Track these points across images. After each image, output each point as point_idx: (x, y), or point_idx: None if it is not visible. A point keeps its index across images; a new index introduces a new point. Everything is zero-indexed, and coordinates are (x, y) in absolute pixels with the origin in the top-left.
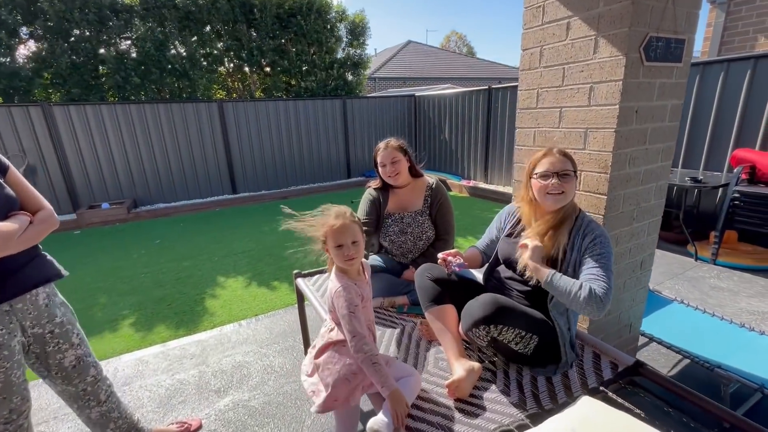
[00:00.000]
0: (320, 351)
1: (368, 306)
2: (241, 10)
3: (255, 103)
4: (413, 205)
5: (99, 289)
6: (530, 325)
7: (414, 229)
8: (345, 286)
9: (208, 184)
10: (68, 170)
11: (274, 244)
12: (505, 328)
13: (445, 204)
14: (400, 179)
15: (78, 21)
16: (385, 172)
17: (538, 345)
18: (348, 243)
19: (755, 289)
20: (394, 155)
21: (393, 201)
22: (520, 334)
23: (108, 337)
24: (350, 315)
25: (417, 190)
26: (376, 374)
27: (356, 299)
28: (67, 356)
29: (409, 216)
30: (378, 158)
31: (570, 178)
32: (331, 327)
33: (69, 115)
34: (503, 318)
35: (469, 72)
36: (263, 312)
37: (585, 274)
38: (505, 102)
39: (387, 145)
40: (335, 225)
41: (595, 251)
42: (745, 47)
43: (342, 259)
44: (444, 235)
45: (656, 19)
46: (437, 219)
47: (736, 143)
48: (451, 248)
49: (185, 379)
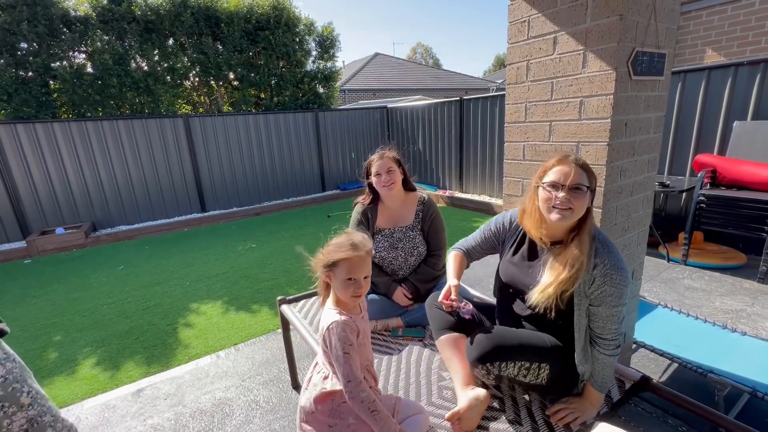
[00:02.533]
0: (316, 401)
1: (366, 344)
2: (206, 23)
3: (223, 117)
4: (404, 219)
5: (54, 325)
6: (537, 355)
7: (405, 245)
8: (339, 322)
9: (175, 202)
10: (16, 193)
11: (250, 265)
12: (505, 364)
13: (438, 219)
14: (395, 189)
15: (26, 34)
16: (380, 182)
17: (552, 372)
18: (360, 278)
19: (725, 288)
20: (390, 165)
21: (383, 216)
22: (524, 366)
23: (66, 380)
24: (345, 356)
25: (408, 204)
26: (375, 423)
27: (352, 337)
28: (15, 420)
29: (400, 231)
30: (373, 168)
31: (582, 193)
32: (325, 374)
33: (16, 134)
34: (501, 354)
35: (436, 83)
36: (242, 340)
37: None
38: (477, 112)
39: (383, 155)
40: (353, 256)
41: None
42: (695, 59)
43: (348, 294)
44: (436, 251)
45: (641, 35)
46: (429, 235)
47: (696, 149)
48: (442, 264)
49: (160, 423)
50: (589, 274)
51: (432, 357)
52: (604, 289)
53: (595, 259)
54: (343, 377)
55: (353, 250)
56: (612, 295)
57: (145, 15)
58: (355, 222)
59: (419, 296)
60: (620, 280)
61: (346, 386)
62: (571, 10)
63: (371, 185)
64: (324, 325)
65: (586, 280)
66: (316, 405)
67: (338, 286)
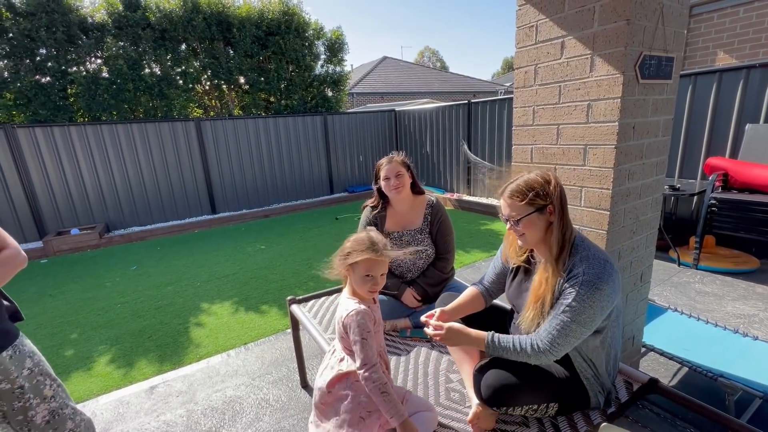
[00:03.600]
0: (331, 382)
1: (380, 331)
2: (218, 28)
3: (234, 120)
4: (413, 223)
5: (69, 323)
6: (544, 396)
7: (414, 247)
8: (359, 311)
9: (186, 204)
10: (34, 195)
11: (259, 266)
12: (511, 408)
13: (446, 222)
14: (403, 192)
15: (44, 40)
16: (389, 186)
17: (561, 407)
18: (377, 276)
19: (738, 293)
20: (399, 169)
21: (392, 219)
22: (532, 407)
23: (82, 377)
24: (362, 341)
25: (417, 207)
26: (384, 403)
27: (369, 324)
28: (39, 412)
29: (409, 234)
30: (382, 172)
31: (523, 221)
32: (341, 356)
33: (35, 137)
34: (505, 400)
35: (444, 86)
36: (252, 340)
37: (545, 322)
38: (485, 115)
39: (391, 160)
40: (373, 255)
41: (566, 299)
42: (707, 61)
43: (366, 289)
44: (444, 254)
45: (648, 39)
46: (437, 238)
47: (707, 152)
48: (450, 267)
49: (172, 420)
50: (559, 285)
51: (440, 358)
52: (566, 298)
53: (570, 273)
54: (361, 360)
55: (373, 250)
56: (569, 305)
57: (159, 21)
58: (364, 226)
59: (428, 298)
60: (588, 297)
61: (361, 368)
62: (579, 15)
63: (380, 189)
64: (344, 313)
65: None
66: (332, 385)
67: (356, 281)
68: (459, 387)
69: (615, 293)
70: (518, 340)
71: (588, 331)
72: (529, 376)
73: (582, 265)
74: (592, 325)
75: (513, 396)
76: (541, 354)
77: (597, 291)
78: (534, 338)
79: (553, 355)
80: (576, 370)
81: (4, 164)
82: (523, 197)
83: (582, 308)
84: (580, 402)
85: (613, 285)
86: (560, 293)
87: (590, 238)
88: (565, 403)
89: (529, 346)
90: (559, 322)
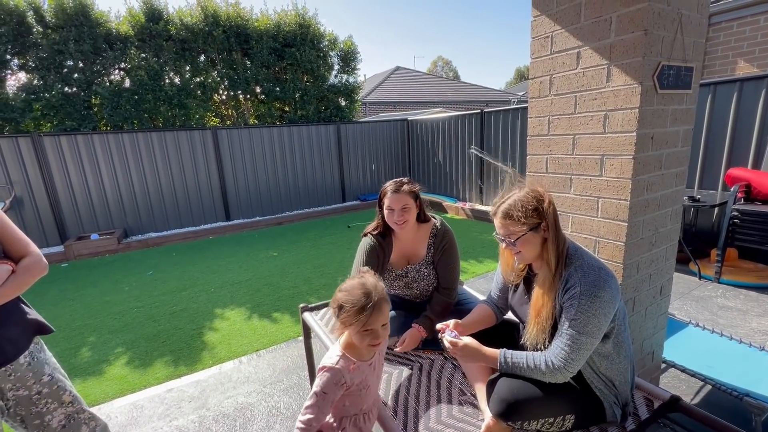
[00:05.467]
0: None
1: (364, 394)
2: (236, 39)
3: (249, 129)
4: (416, 255)
5: (88, 326)
6: (559, 408)
7: (419, 284)
8: (331, 368)
9: (202, 211)
10: (57, 201)
11: (272, 273)
12: (525, 422)
13: (448, 252)
14: (407, 227)
15: (72, 52)
16: (392, 218)
17: (578, 419)
18: (378, 327)
19: (763, 308)
20: (406, 202)
21: (396, 250)
22: (548, 421)
23: (98, 380)
24: (316, 395)
25: (421, 235)
26: None
27: (336, 388)
28: (55, 416)
29: (413, 269)
30: (386, 201)
31: (520, 240)
32: None
33: (59, 146)
34: (518, 414)
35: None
36: (264, 347)
37: (555, 339)
38: (498, 125)
39: (399, 188)
40: (367, 306)
41: (569, 313)
42: (726, 70)
43: (365, 344)
44: (447, 285)
45: (667, 49)
46: (440, 268)
47: (728, 162)
48: (456, 292)
49: (184, 425)
50: (559, 299)
51: (453, 371)
52: (569, 311)
53: (566, 285)
54: (304, 407)
55: (366, 301)
56: (573, 318)
57: (180, 33)
58: (364, 253)
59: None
60: (589, 306)
61: (301, 414)
62: (595, 25)
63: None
64: (322, 361)
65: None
66: None
67: (354, 336)
68: (472, 400)
69: (614, 298)
70: (532, 358)
71: (597, 340)
72: (543, 387)
73: (577, 275)
74: (599, 334)
75: (527, 409)
76: (557, 371)
77: (596, 299)
78: (548, 355)
79: (568, 371)
80: (586, 381)
81: (30, 171)
82: (517, 217)
83: (586, 319)
84: (596, 414)
85: (610, 290)
86: (561, 307)
87: (608, 250)
88: (581, 415)
89: (543, 364)
90: (568, 337)
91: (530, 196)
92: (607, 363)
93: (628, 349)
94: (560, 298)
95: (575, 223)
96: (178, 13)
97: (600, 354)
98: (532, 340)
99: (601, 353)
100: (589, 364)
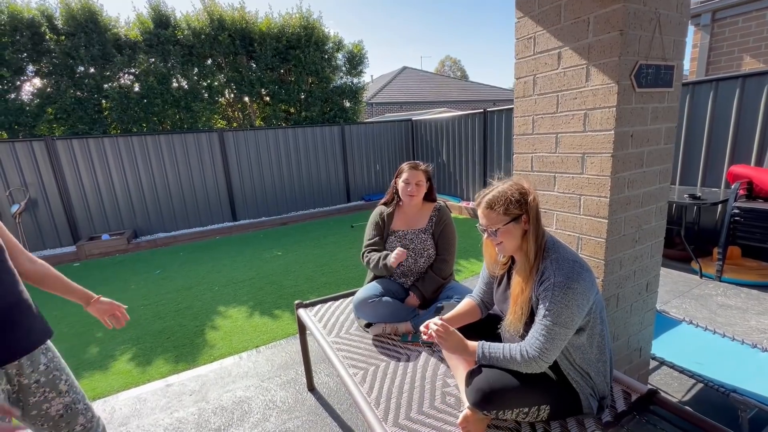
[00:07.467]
0: None
1: None
2: (241, 43)
3: (255, 131)
4: (418, 223)
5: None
6: (534, 398)
7: (416, 246)
8: None
9: (209, 212)
10: (69, 202)
11: (274, 272)
12: (502, 411)
13: (449, 226)
14: (415, 200)
15: (83, 57)
16: (406, 190)
17: (553, 409)
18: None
19: (764, 306)
20: (420, 178)
21: (399, 219)
22: (523, 411)
23: (104, 374)
24: None
25: (425, 210)
26: None
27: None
28: (53, 405)
29: (412, 232)
30: (404, 174)
31: (500, 231)
32: None
33: (72, 149)
34: (493, 404)
35: (463, 95)
36: (264, 343)
37: (531, 330)
38: (501, 124)
39: (417, 167)
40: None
41: (544, 304)
42: (732, 66)
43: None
44: (444, 255)
45: (645, 48)
46: (439, 238)
47: (731, 159)
48: (450, 269)
49: (184, 417)
50: (535, 290)
51: (438, 364)
52: (544, 303)
53: (542, 277)
54: None
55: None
56: (548, 309)
57: (188, 38)
58: (373, 222)
59: (426, 302)
60: (562, 298)
61: None
62: (574, 26)
63: (397, 188)
64: None
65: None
66: None
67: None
68: (455, 391)
69: (588, 290)
70: (508, 349)
71: (571, 331)
72: (520, 378)
73: (552, 267)
74: (573, 325)
75: (502, 399)
76: (532, 361)
77: (569, 290)
78: (523, 345)
79: (543, 361)
80: (563, 372)
81: (44, 174)
82: (500, 208)
83: (560, 310)
84: (572, 405)
85: (584, 282)
86: (537, 299)
87: (590, 246)
88: (557, 406)
89: (518, 354)
90: (542, 327)
91: (514, 189)
92: (581, 355)
93: (606, 342)
94: (536, 290)
95: (559, 221)
96: (185, 18)
97: (574, 346)
98: (510, 327)
99: (576, 345)
100: (565, 355)
